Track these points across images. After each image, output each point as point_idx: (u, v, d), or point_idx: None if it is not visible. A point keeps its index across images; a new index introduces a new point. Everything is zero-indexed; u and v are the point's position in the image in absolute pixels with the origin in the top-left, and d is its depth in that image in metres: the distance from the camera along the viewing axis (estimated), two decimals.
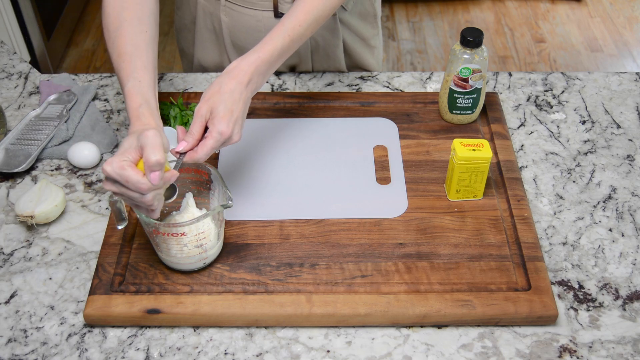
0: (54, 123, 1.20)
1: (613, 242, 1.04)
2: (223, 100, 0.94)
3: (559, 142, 1.20)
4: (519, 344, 0.91)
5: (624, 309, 0.95)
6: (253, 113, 1.22)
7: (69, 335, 0.93)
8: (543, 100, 1.28)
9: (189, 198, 0.99)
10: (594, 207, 1.09)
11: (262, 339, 0.92)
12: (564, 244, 1.04)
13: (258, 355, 0.90)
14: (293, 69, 1.36)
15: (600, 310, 0.95)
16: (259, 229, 1.03)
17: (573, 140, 1.20)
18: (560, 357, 0.90)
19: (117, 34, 0.99)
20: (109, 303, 0.92)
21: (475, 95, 1.17)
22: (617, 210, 1.09)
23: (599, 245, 1.03)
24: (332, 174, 1.12)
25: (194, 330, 0.93)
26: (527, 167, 1.16)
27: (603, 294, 0.97)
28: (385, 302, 0.93)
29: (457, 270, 0.98)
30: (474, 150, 1.02)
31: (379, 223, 1.04)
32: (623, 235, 1.05)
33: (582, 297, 0.97)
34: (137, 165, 0.86)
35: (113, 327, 0.94)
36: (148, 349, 0.91)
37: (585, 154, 1.18)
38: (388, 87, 1.31)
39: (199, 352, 0.91)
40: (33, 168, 1.16)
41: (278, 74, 1.34)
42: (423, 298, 0.93)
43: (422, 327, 0.94)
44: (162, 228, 0.90)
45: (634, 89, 1.31)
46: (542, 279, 0.95)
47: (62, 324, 0.94)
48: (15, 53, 1.41)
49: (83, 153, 1.13)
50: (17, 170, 1.12)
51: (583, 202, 1.10)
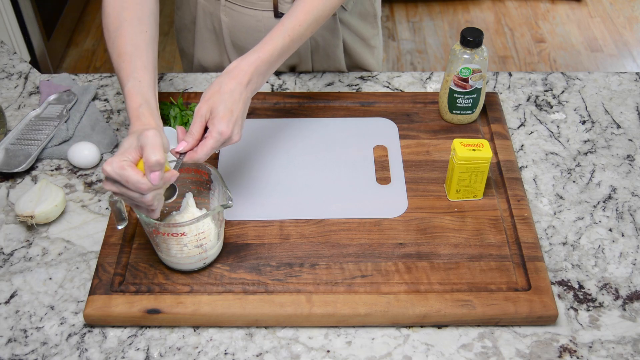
0: (54, 123, 1.20)
1: (613, 242, 1.04)
2: (223, 100, 0.94)
3: (559, 142, 1.20)
4: (519, 344, 0.91)
5: (624, 309, 0.95)
6: (253, 113, 1.22)
7: (69, 335, 0.93)
8: (543, 100, 1.28)
9: (189, 198, 0.99)
10: (594, 207, 1.09)
11: (262, 339, 0.92)
12: (564, 244, 1.04)
13: (258, 355, 0.90)
14: (293, 69, 1.36)
15: (600, 310, 0.95)
16: (259, 229, 1.03)
17: (573, 140, 1.20)
18: (560, 357, 0.90)
19: (117, 34, 0.99)
20: (109, 303, 0.92)
21: (475, 95, 1.17)
22: (617, 210, 1.09)
23: (599, 245, 1.03)
24: (332, 174, 1.12)
25: (194, 330, 0.93)
26: (527, 167, 1.16)
27: (603, 294, 0.97)
28: (385, 302, 0.93)
29: (457, 270, 0.98)
30: (474, 150, 1.02)
31: (379, 223, 1.04)
32: (623, 235, 1.05)
33: (582, 297, 0.97)
34: (137, 165, 0.86)
35: (113, 327, 0.94)
36: (148, 349, 0.91)
37: (585, 154, 1.18)
38: (388, 87, 1.31)
39: (199, 352, 0.91)
40: (33, 168, 1.16)
41: (278, 74, 1.34)
42: (423, 298, 0.93)
43: (422, 327, 0.94)
44: (162, 228, 0.90)
45: (634, 89, 1.31)
46: (542, 279, 0.95)
47: (62, 324, 0.94)
48: (15, 53, 1.41)
49: (83, 153, 1.13)
50: (17, 170, 1.12)
51: (583, 202, 1.10)
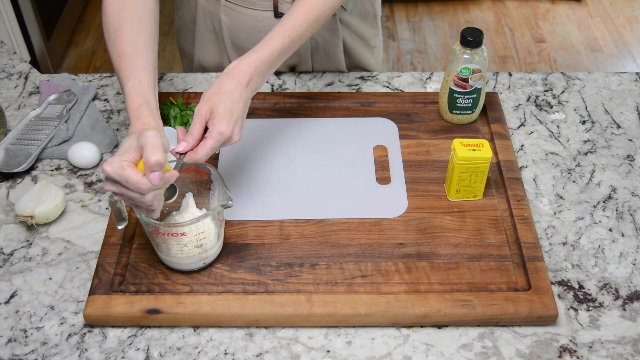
0: (54, 123, 1.20)
1: (613, 242, 1.04)
2: (223, 101, 0.94)
3: (559, 142, 1.20)
4: (519, 344, 0.91)
5: (624, 309, 0.95)
6: (253, 113, 1.22)
7: (69, 335, 0.93)
8: (543, 100, 1.28)
9: (189, 198, 0.99)
10: (594, 207, 1.09)
11: (262, 339, 0.92)
12: (564, 244, 1.04)
13: (258, 355, 0.90)
14: (293, 69, 1.36)
15: (600, 310, 0.95)
16: (259, 229, 1.03)
17: (573, 140, 1.20)
18: (560, 357, 0.90)
19: (117, 34, 0.99)
20: (109, 303, 0.92)
21: (475, 95, 1.17)
22: (617, 210, 1.09)
23: (599, 245, 1.03)
24: (332, 174, 1.12)
25: (194, 330, 0.93)
26: (527, 167, 1.16)
27: (603, 294, 0.97)
28: (385, 302, 0.93)
29: (457, 270, 0.98)
30: (474, 150, 1.02)
31: (379, 223, 1.04)
32: (623, 235, 1.05)
33: (582, 297, 0.97)
34: (137, 166, 0.86)
35: (113, 327, 0.94)
36: (148, 349, 0.91)
37: (585, 154, 1.18)
38: (388, 87, 1.31)
39: (199, 352, 0.91)
40: (33, 168, 1.16)
41: (278, 74, 1.34)
42: (423, 298, 0.93)
43: (422, 327, 0.94)
44: (162, 228, 0.90)
45: (634, 89, 1.31)
46: (542, 279, 0.95)
47: (62, 324, 0.94)
48: (15, 53, 1.41)
49: (83, 153, 1.13)
50: (17, 170, 1.12)
51: (583, 202, 1.10)
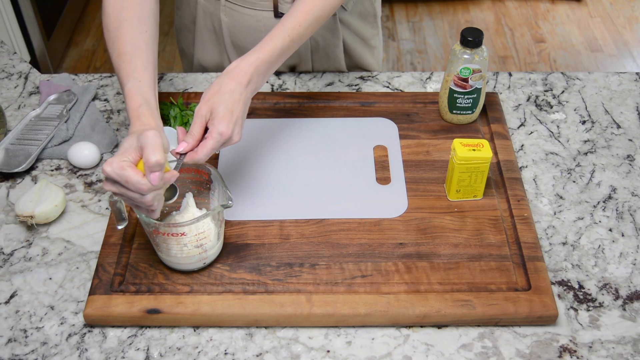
0: (54, 123, 1.20)
1: (613, 242, 1.04)
2: (223, 101, 0.94)
3: (559, 142, 1.20)
4: (519, 344, 0.91)
5: (624, 309, 0.95)
6: (253, 113, 1.22)
7: (69, 335, 0.93)
8: (543, 100, 1.28)
9: (189, 198, 0.99)
10: (594, 207, 1.09)
11: (262, 339, 0.92)
12: (564, 244, 1.04)
13: (258, 355, 0.90)
14: (293, 69, 1.36)
15: (600, 310, 0.95)
16: (259, 229, 1.03)
17: (573, 140, 1.20)
18: (560, 357, 0.90)
19: (117, 34, 0.99)
20: (109, 303, 0.92)
21: (475, 95, 1.17)
22: (617, 210, 1.09)
23: (599, 245, 1.03)
24: (332, 174, 1.12)
25: (194, 330, 0.93)
26: (527, 167, 1.16)
27: (603, 294, 0.97)
28: (385, 302, 0.93)
29: (457, 270, 0.98)
30: (474, 150, 1.02)
31: (379, 223, 1.04)
32: (623, 235, 1.05)
33: (582, 297, 0.97)
34: (137, 166, 0.86)
35: (113, 327, 0.94)
36: (148, 349, 0.91)
37: (585, 154, 1.18)
38: (388, 87, 1.31)
39: (199, 352, 0.91)
40: (33, 168, 1.16)
41: (278, 74, 1.34)
42: (423, 298, 0.93)
43: (422, 327, 0.94)
44: (162, 228, 0.90)
45: (634, 89, 1.31)
46: (542, 279, 0.95)
47: (62, 324, 0.94)
48: (15, 53, 1.41)
49: (83, 153, 1.13)
50: (17, 170, 1.12)
51: (583, 202, 1.10)
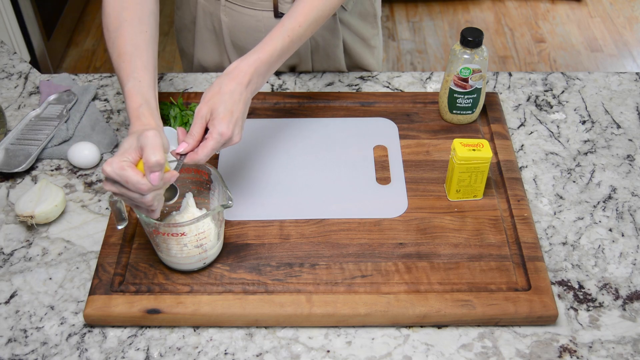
0: (54, 123, 1.20)
1: (613, 242, 1.04)
2: (223, 101, 0.94)
3: (559, 142, 1.20)
4: (519, 344, 0.91)
5: (624, 309, 0.95)
6: (253, 113, 1.22)
7: (69, 335, 0.93)
8: (543, 100, 1.28)
9: (189, 198, 0.99)
10: (594, 207, 1.09)
11: (262, 339, 0.92)
12: (564, 244, 1.04)
13: (258, 355, 0.90)
14: (293, 69, 1.36)
15: (600, 310, 0.95)
16: (259, 229, 1.03)
17: (573, 140, 1.20)
18: (560, 357, 0.90)
19: (117, 34, 0.99)
20: (109, 303, 0.92)
21: (475, 95, 1.17)
22: (617, 210, 1.09)
23: (599, 245, 1.03)
24: (332, 174, 1.12)
25: (194, 330, 0.93)
26: (527, 167, 1.16)
27: (603, 294, 0.97)
28: (385, 302, 0.93)
29: (457, 270, 0.98)
30: (474, 150, 1.02)
31: (379, 223, 1.04)
32: (623, 235, 1.05)
33: (582, 297, 0.97)
34: (137, 166, 0.86)
35: (113, 327, 0.94)
36: (148, 349, 0.91)
37: (585, 154, 1.18)
38: (388, 87, 1.31)
39: (199, 352, 0.91)
40: (33, 168, 1.16)
41: (278, 74, 1.34)
42: (423, 298, 0.93)
43: (422, 327, 0.94)
44: (162, 228, 0.90)
45: (634, 89, 1.31)
46: (542, 279, 0.95)
47: (62, 324, 0.94)
48: (15, 53, 1.41)
49: (83, 153, 1.13)
50: (17, 170, 1.12)
51: (583, 202, 1.10)
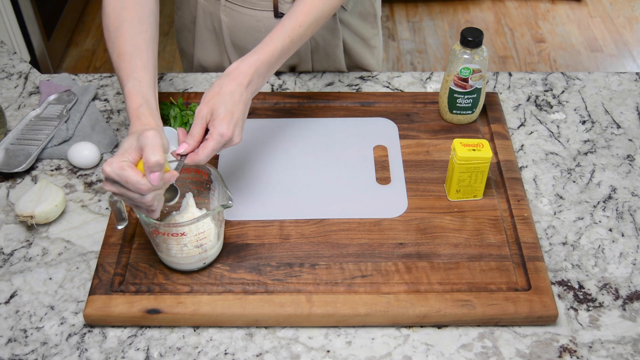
0: (54, 123, 1.20)
1: (613, 242, 1.04)
2: (223, 102, 0.94)
3: (559, 142, 1.20)
4: (519, 344, 0.91)
5: (624, 309, 0.95)
6: (253, 113, 1.22)
7: (69, 335, 0.93)
8: (543, 100, 1.28)
9: (189, 198, 0.99)
10: (594, 207, 1.09)
11: (262, 339, 0.92)
12: (564, 244, 1.04)
13: (258, 355, 0.90)
14: (293, 69, 1.36)
15: (600, 310, 0.95)
16: (259, 229, 1.03)
17: (573, 140, 1.20)
18: (560, 357, 0.90)
19: (117, 34, 0.99)
20: (109, 303, 0.92)
21: (475, 95, 1.17)
22: (617, 210, 1.09)
23: (599, 245, 1.03)
24: (332, 174, 1.12)
25: (194, 330, 0.93)
26: (527, 167, 1.16)
27: (603, 294, 0.97)
28: (385, 302, 0.93)
29: (457, 270, 0.98)
30: (474, 150, 1.02)
31: (379, 223, 1.04)
32: (623, 235, 1.05)
33: (582, 297, 0.97)
34: (137, 166, 0.86)
35: (113, 327, 0.94)
36: (148, 349, 0.91)
37: (585, 154, 1.18)
38: (388, 87, 1.31)
39: (199, 352, 0.91)
40: (33, 168, 1.16)
41: (278, 74, 1.34)
42: (423, 298, 0.93)
43: (422, 327, 0.94)
44: (162, 228, 0.90)
45: (634, 89, 1.31)
46: (542, 279, 0.95)
47: (62, 324, 0.94)
48: (15, 53, 1.41)
49: (83, 153, 1.13)
50: (17, 170, 1.12)
51: (583, 202, 1.10)
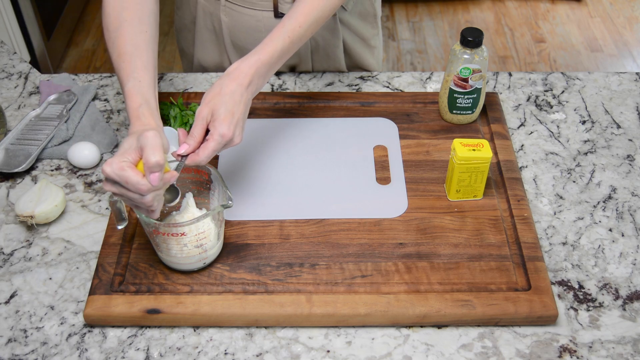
0: (54, 123, 1.20)
1: (613, 242, 1.04)
2: (224, 103, 0.94)
3: (559, 142, 1.20)
4: (519, 344, 0.92)
5: (624, 309, 0.95)
6: (253, 113, 1.22)
7: (69, 335, 0.93)
8: (543, 100, 1.28)
9: (189, 198, 0.99)
10: (594, 207, 1.09)
11: (262, 339, 0.92)
12: (564, 244, 1.04)
13: (258, 355, 0.90)
14: (293, 69, 1.36)
15: (600, 310, 0.95)
16: (259, 229, 1.03)
17: (573, 140, 1.20)
18: (560, 357, 0.90)
19: (117, 34, 0.99)
20: (109, 303, 0.92)
21: (475, 95, 1.17)
22: (617, 210, 1.09)
23: (599, 245, 1.03)
24: (332, 174, 1.12)
25: (194, 330, 0.93)
26: (527, 167, 1.16)
27: (603, 294, 0.97)
28: (385, 302, 0.93)
29: (457, 270, 0.98)
30: (474, 150, 1.02)
31: (379, 223, 1.04)
32: (623, 235, 1.05)
33: (582, 297, 0.97)
34: (137, 166, 0.86)
35: (113, 327, 0.94)
36: (148, 349, 0.91)
37: (585, 154, 1.18)
38: (388, 87, 1.31)
39: (199, 352, 0.91)
40: (33, 168, 1.16)
41: (278, 74, 1.34)
42: (423, 298, 0.93)
43: (422, 327, 0.94)
44: (162, 228, 0.90)
45: (634, 89, 1.31)
46: (542, 279, 0.95)
47: (62, 324, 0.94)
48: (15, 53, 1.41)
49: (83, 153, 1.13)
50: (17, 170, 1.12)
51: (583, 202, 1.10)
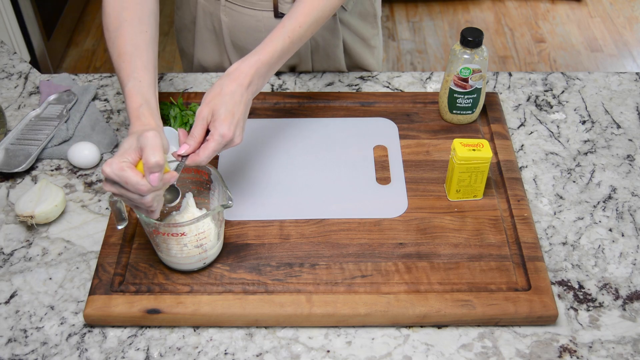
0: (54, 123, 1.20)
1: (613, 242, 1.04)
2: (224, 103, 0.94)
3: (559, 142, 1.20)
4: (519, 344, 0.92)
5: (624, 309, 0.95)
6: (253, 113, 1.22)
7: (69, 335, 0.93)
8: (543, 100, 1.28)
9: (189, 198, 0.99)
10: (594, 207, 1.09)
11: (262, 339, 0.92)
12: (564, 244, 1.04)
13: (258, 355, 0.90)
14: (293, 69, 1.36)
15: (600, 310, 0.95)
16: (259, 229, 1.03)
17: (573, 140, 1.20)
18: (560, 357, 0.90)
19: (117, 34, 0.99)
20: (109, 303, 0.92)
21: (475, 95, 1.17)
22: (617, 210, 1.09)
23: (599, 245, 1.03)
24: (332, 174, 1.12)
25: (194, 330, 0.93)
26: (527, 167, 1.16)
27: (603, 294, 0.97)
28: (385, 302, 0.93)
29: (457, 270, 0.98)
30: (474, 150, 1.02)
31: (379, 223, 1.04)
32: (623, 235, 1.05)
33: (582, 297, 0.97)
34: (136, 167, 0.86)
35: (113, 327, 0.94)
36: (148, 349, 0.91)
37: (585, 154, 1.18)
38: (388, 87, 1.31)
39: (199, 352, 0.91)
40: (33, 168, 1.16)
41: (278, 74, 1.34)
42: (423, 298, 0.93)
43: (422, 327, 0.94)
44: (162, 228, 0.90)
45: (634, 89, 1.31)
46: (542, 279, 0.95)
47: (62, 324, 0.94)
48: (15, 53, 1.41)
49: (83, 153, 1.13)
50: (17, 170, 1.12)
51: (583, 202, 1.10)
